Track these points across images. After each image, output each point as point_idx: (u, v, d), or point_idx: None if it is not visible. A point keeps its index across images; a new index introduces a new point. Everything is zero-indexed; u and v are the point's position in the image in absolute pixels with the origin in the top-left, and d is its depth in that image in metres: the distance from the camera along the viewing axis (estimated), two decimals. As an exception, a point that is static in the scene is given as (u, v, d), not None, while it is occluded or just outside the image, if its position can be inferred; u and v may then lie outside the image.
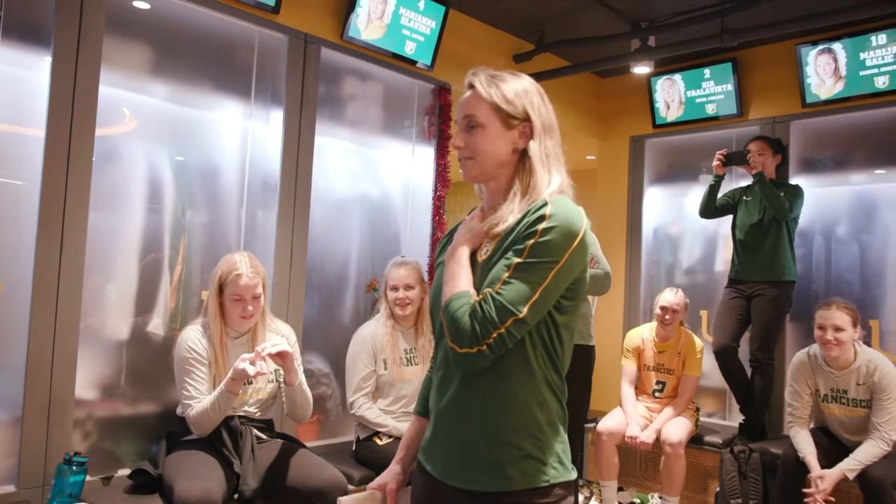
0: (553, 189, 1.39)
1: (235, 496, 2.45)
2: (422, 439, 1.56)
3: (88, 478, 2.50)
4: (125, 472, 2.71)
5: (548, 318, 1.34)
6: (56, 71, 2.57)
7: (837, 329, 3.08)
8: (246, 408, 2.65)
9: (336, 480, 2.52)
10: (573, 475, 1.40)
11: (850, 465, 3.05)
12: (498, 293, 1.28)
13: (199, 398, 2.52)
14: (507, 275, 1.29)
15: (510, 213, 1.37)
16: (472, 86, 1.44)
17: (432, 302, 1.52)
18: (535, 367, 1.34)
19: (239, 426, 2.56)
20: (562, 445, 1.39)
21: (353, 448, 3.20)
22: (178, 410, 2.62)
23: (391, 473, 1.60)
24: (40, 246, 2.52)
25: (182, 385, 2.56)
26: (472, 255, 1.42)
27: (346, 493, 2.53)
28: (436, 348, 1.50)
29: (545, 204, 1.32)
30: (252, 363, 2.36)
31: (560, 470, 1.37)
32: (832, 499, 3.06)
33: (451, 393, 1.39)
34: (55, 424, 2.55)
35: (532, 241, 1.29)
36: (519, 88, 1.43)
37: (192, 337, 2.59)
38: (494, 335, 1.27)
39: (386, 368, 3.11)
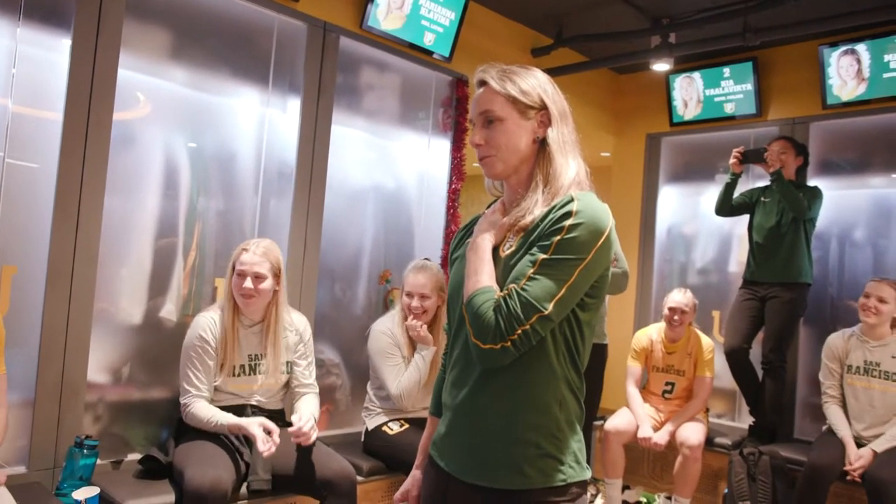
0: (572, 176, 1.38)
1: (244, 485, 2.45)
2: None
3: (99, 461, 2.51)
4: (135, 456, 2.72)
5: (571, 315, 1.32)
6: (75, 53, 2.56)
7: (881, 300, 3.28)
8: (257, 397, 2.64)
9: (345, 472, 2.51)
10: (588, 474, 1.39)
11: (881, 444, 3.16)
12: (523, 289, 1.26)
13: (198, 393, 2.53)
14: (532, 271, 1.27)
15: (534, 205, 1.36)
16: (484, 82, 1.42)
17: (450, 296, 1.50)
18: (556, 366, 1.33)
19: (249, 416, 2.56)
20: (579, 444, 1.38)
21: (363, 439, 3.19)
22: (181, 399, 2.59)
23: (413, 480, 1.59)
24: (56, 229, 2.52)
25: (185, 371, 2.56)
26: (495, 250, 1.40)
27: (355, 484, 2.52)
28: (452, 344, 1.48)
29: (571, 200, 1.30)
30: (265, 443, 2.34)
31: (577, 469, 1.35)
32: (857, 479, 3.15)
33: (469, 389, 1.37)
34: (67, 407, 2.55)
35: (558, 238, 1.27)
36: (531, 79, 1.42)
37: (205, 324, 2.58)
38: (519, 332, 1.25)
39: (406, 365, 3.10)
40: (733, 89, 4.47)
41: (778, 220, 3.83)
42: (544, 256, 1.27)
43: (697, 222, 4.79)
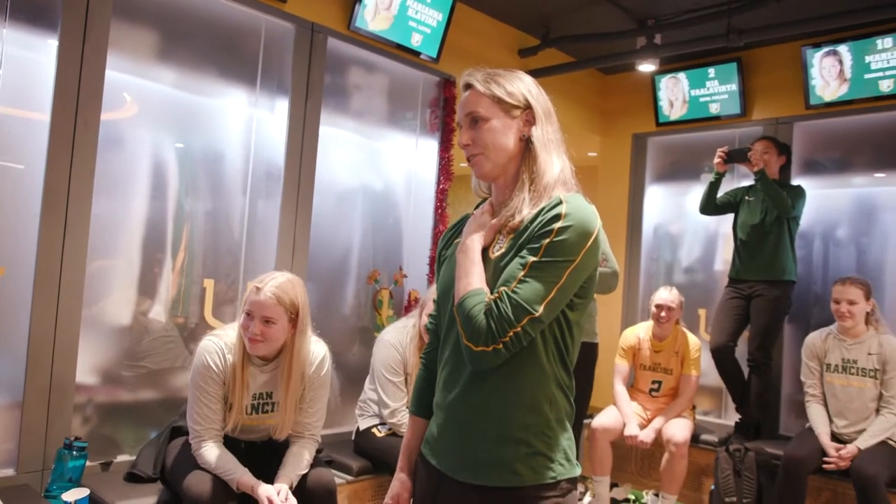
0: (556, 173, 1.40)
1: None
2: (422, 439, 1.56)
3: (88, 463, 2.51)
4: (124, 457, 2.73)
5: (560, 315, 1.34)
6: (62, 54, 2.55)
7: (851, 302, 3.35)
8: (253, 436, 2.49)
9: (322, 481, 2.43)
10: (578, 470, 1.41)
11: (864, 441, 3.23)
12: (514, 292, 1.28)
13: (210, 426, 2.31)
14: (522, 273, 1.29)
15: (522, 204, 1.38)
16: (469, 85, 1.45)
17: (440, 296, 1.52)
18: (546, 365, 1.35)
19: (243, 448, 2.47)
20: (569, 442, 1.40)
21: (353, 438, 3.21)
22: (189, 433, 2.37)
23: (403, 483, 1.58)
24: (43, 230, 2.51)
25: (193, 399, 2.33)
26: (484, 251, 1.41)
27: (333, 493, 2.44)
28: (442, 344, 1.49)
29: (560, 202, 1.33)
30: None
31: (566, 466, 1.38)
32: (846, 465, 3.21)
33: (460, 389, 1.39)
34: (55, 409, 2.54)
35: (548, 241, 1.29)
36: (516, 81, 1.44)
37: (213, 351, 2.32)
38: (510, 334, 1.27)
39: (408, 385, 3.11)
40: (718, 90, 4.52)
41: (762, 219, 3.88)
42: (534, 259, 1.29)
43: (683, 221, 4.84)
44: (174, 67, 2.95)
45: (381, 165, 3.80)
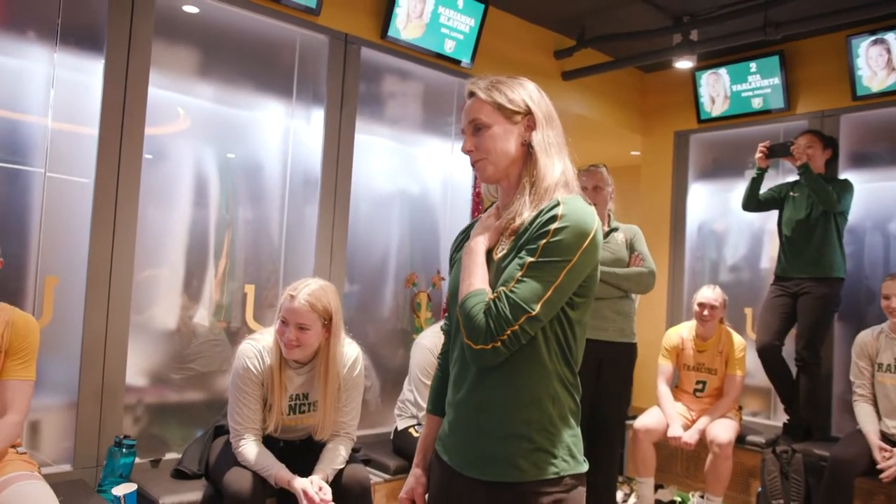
0: (557, 176, 1.43)
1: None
2: (437, 436, 1.61)
3: (138, 460, 2.66)
4: (172, 455, 2.86)
5: (561, 314, 1.37)
6: (108, 73, 2.71)
7: None
8: (292, 436, 2.59)
9: (357, 477, 2.49)
10: (584, 467, 1.43)
11: None
12: (512, 291, 1.32)
13: (250, 426, 2.42)
14: (520, 273, 1.33)
15: (523, 207, 1.41)
16: (472, 93, 1.49)
17: (450, 297, 1.57)
18: (548, 363, 1.38)
19: (282, 447, 2.57)
20: (573, 439, 1.42)
21: (392, 438, 3.28)
22: (230, 432, 2.47)
23: (418, 479, 1.62)
24: (94, 240, 2.67)
25: (233, 400, 2.44)
26: (489, 253, 1.46)
27: (368, 490, 2.51)
28: (452, 343, 1.54)
29: (557, 204, 1.36)
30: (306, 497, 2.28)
31: (571, 462, 1.40)
32: None
33: (468, 387, 1.43)
34: (107, 409, 2.69)
35: (544, 241, 1.32)
36: (518, 87, 1.48)
37: (252, 355, 2.42)
38: (508, 332, 1.31)
39: None
40: (760, 84, 4.42)
41: (807, 214, 3.78)
42: (531, 259, 1.33)
43: (728, 219, 4.75)
44: (213, 83, 3.09)
45: (417, 170, 3.87)
